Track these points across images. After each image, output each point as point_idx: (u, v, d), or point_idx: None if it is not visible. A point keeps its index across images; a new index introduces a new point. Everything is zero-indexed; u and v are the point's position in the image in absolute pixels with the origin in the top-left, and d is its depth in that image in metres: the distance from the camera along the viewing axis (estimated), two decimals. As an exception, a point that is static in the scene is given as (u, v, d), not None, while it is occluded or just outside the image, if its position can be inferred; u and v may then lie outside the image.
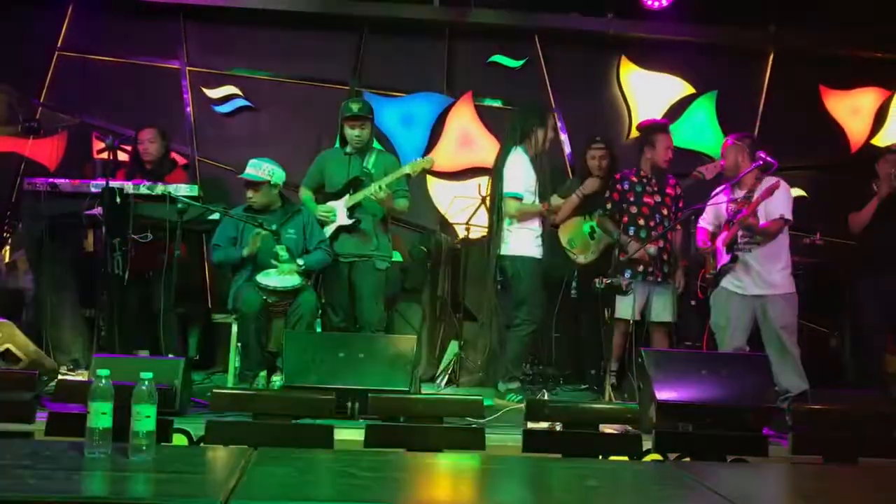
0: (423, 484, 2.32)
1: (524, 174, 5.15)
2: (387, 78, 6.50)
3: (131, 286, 5.01)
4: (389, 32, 6.48)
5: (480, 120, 6.49)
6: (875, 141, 6.69)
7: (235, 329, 4.91)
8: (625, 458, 2.96)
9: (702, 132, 6.56)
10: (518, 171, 5.14)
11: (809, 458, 3.00)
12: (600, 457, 2.94)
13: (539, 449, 2.93)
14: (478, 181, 6.15)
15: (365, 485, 2.15)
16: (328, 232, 5.12)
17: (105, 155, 5.09)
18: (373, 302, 5.12)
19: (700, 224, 5.08)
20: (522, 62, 6.56)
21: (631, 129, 6.58)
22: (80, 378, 4.66)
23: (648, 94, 6.61)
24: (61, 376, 4.70)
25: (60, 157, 6.09)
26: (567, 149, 6.54)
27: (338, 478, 2.26)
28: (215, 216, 5.15)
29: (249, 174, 4.95)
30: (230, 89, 6.41)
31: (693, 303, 5.16)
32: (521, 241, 5.13)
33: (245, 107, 6.41)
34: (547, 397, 4.87)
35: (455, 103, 6.49)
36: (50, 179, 5.07)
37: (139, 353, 5.00)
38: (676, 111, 6.59)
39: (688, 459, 3.03)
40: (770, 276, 4.85)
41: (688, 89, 6.63)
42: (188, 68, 6.39)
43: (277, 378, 4.82)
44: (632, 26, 6.51)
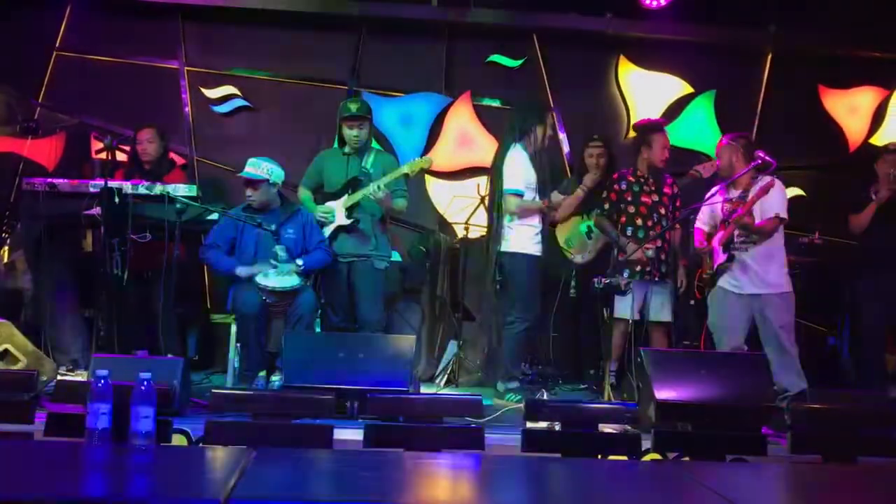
0: (423, 484, 2.32)
1: (523, 171, 5.15)
2: (385, 78, 6.49)
3: (130, 286, 5.00)
4: (388, 32, 6.47)
5: (479, 119, 6.48)
6: (873, 140, 6.69)
7: (234, 329, 4.91)
8: (624, 458, 2.96)
9: (700, 132, 6.56)
10: (517, 168, 5.14)
11: (808, 458, 3.00)
12: (599, 456, 2.94)
13: (538, 449, 2.93)
14: (476, 181, 6.16)
15: (364, 485, 2.15)
16: (327, 232, 5.13)
17: (104, 155, 5.09)
18: (372, 302, 5.13)
19: (696, 225, 5.10)
20: (521, 62, 6.56)
21: (629, 129, 6.57)
22: (80, 378, 4.66)
23: (647, 94, 6.61)
24: (60, 376, 4.70)
25: (59, 157, 6.09)
26: (566, 148, 6.54)
27: (337, 478, 2.26)
28: (214, 216, 5.15)
29: (248, 172, 4.95)
30: (229, 89, 6.40)
31: (692, 302, 5.16)
32: (521, 239, 5.13)
33: (243, 107, 6.41)
34: (546, 397, 4.87)
35: (454, 103, 6.49)
36: (48, 179, 5.07)
37: (138, 354, 4.98)
38: (675, 111, 6.58)
39: (687, 459, 3.03)
40: (767, 275, 4.85)
41: (686, 89, 6.63)
42: (187, 68, 6.38)
43: (277, 378, 4.82)
44: (630, 26, 6.51)
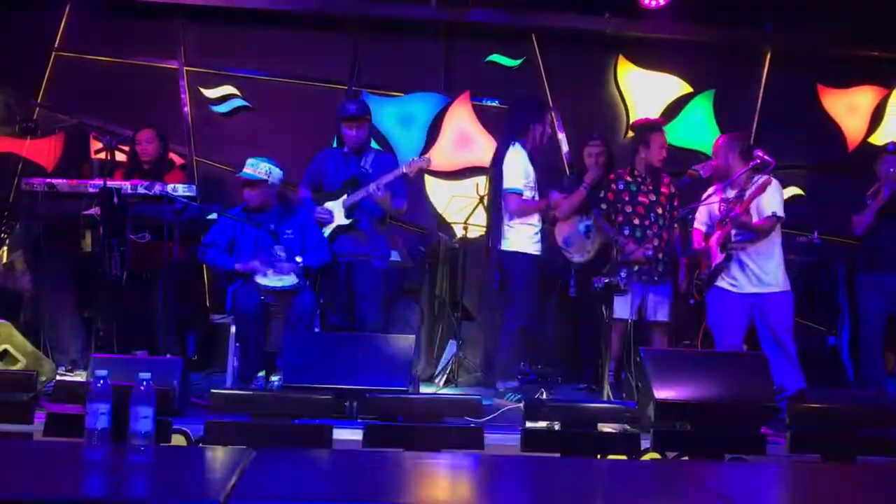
0: (422, 484, 2.32)
1: (522, 170, 5.15)
2: (384, 78, 6.49)
3: (129, 286, 5.00)
4: (387, 32, 6.47)
5: (478, 119, 6.49)
6: (872, 139, 6.70)
7: (234, 329, 4.91)
8: (623, 458, 2.96)
9: (699, 131, 6.56)
10: (516, 167, 5.14)
11: (807, 457, 3.00)
12: (599, 456, 2.94)
13: (538, 448, 2.93)
14: (475, 180, 6.15)
15: (364, 485, 2.15)
16: (326, 232, 5.12)
17: (103, 155, 5.10)
18: (371, 302, 5.12)
19: (695, 225, 5.11)
20: (520, 61, 6.56)
21: (628, 128, 6.57)
22: (79, 378, 4.65)
23: (646, 93, 6.61)
24: (59, 377, 4.70)
25: (58, 158, 6.08)
26: (565, 147, 6.54)
27: (337, 478, 2.26)
28: (213, 216, 5.15)
29: (247, 173, 4.95)
30: (228, 89, 6.40)
31: (692, 302, 5.16)
32: (520, 238, 5.13)
33: (243, 107, 6.40)
34: (545, 396, 4.87)
35: (452, 103, 6.49)
36: (47, 180, 5.07)
37: (137, 354, 4.98)
38: (674, 110, 6.59)
39: (686, 458, 3.03)
40: (764, 274, 4.85)
41: (685, 88, 6.63)
42: (186, 68, 6.38)
43: (276, 378, 4.82)
44: (629, 25, 6.51)
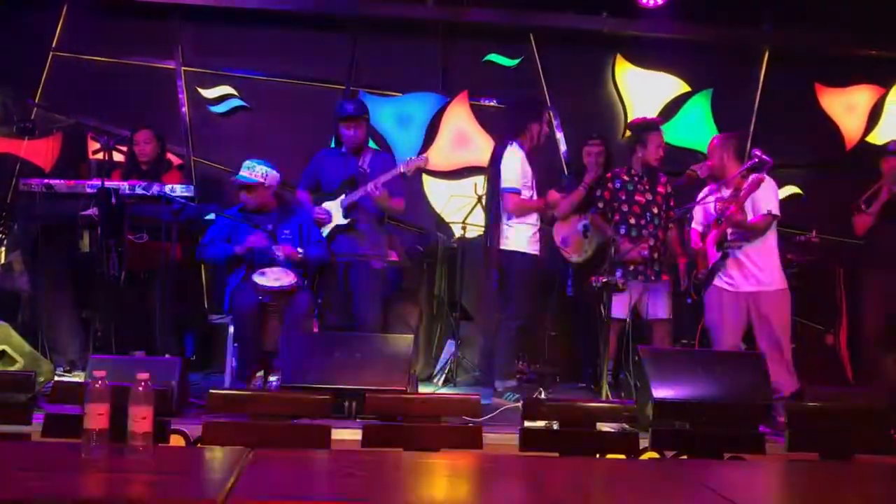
0: (421, 483, 2.32)
1: (520, 169, 5.14)
2: (382, 77, 6.49)
3: (127, 287, 5.00)
4: (384, 32, 6.47)
5: (476, 119, 6.49)
6: (870, 138, 6.71)
7: (232, 329, 4.90)
8: (622, 457, 2.96)
9: (697, 130, 6.57)
10: (514, 166, 5.14)
11: (806, 456, 3.00)
12: (597, 455, 2.94)
13: (536, 447, 2.93)
14: (474, 180, 6.16)
15: (362, 485, 2.15)
16: (325, 232, 5.12)
17: (100, 155, 5.09)
18: (369, 301, 5.12)
19: (692, 225, 5.12)
20: (518, 61, 6.56)
21: (626, 128, 6.58)
22: (77, 379, 4.65)
23: (643, 93, 6.62)
24: (58, 377, 4.69)
25: (56, 158, 6.08)
26: (563, 147, 6.55)
27: (335, 478, 2.26)
28: (211, 216, 5.15)
29: (243, 176, 4.95)
30: (225, 89, 6.40)
31: (689, 301, 5.17)
32: (519, 237, 5.13)
33: (240, 107, 6.41)
34: (544, 396, 4.87)
35: (450, 102, 6.49)
36: (45, 180, 5.07)
37: (135, 354, 4.99)
38: (671, 109, 6.60)
39: (685, 457, 3.04)
40: (761, 273, 4.86)
41: (683, 87, 6.64)
42: (183, 68, 6.38)
43: (274, 378, 4.81)
44: (627, 24, 6.52)
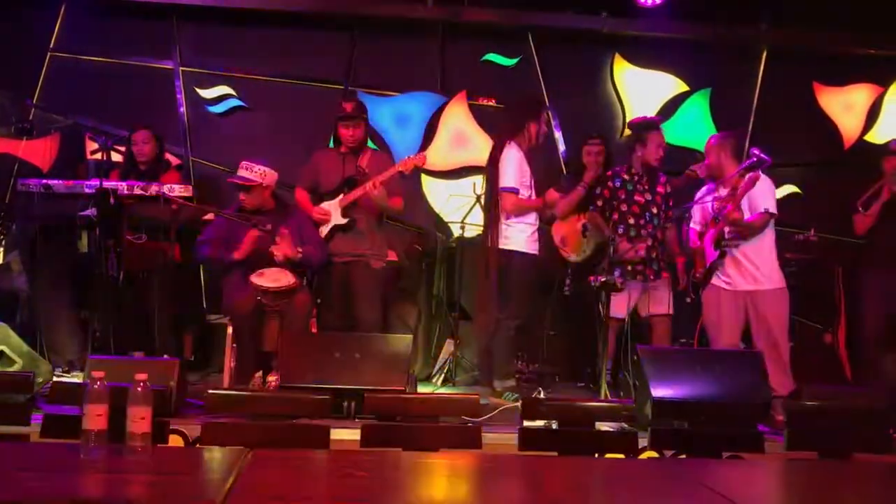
0: (420, 483, 2.32)
1: (518, 168, 5.14)
2: (380, 77, 6.49)
3: (126, 287, 5.00)
4: (382, 31, 6.47)
5: (474, 118, 6.49)
6: (868, 137, 6.71)
7: (230, 330, 4.90)
8: (621, 456, 2.96)
9: (695, 129, 6.57)
10: (512, 166, 5.14)
11: (804, 455, 3.00)
12: (596, 454, 2.94)
13: (535, 447, 2.93)
14: (472, 179, 6.16)
15: (361, 485, 2.15)
16: (324, 232, 5.12)
17: (98, 156, 5.09)
18: (368, 301, 5.12)
19: (691, 225, 5.12)
20: (516, 60, 6.56)
21: (625, 127, 6.59)
22: (76, 380, 4.65)
23: (642, 92, 6.62)
24: (56, 378, 4.69)
25: (54, 158, 6.08)
26: (561, 146, 6.55)
27: (334, 478, 2.26)
28: (209, 216, 5.15)
29: (241, 176, 4.95)
30: (224, 89, 6.39)
31: (688, 300, 5.17)
32: (517, 237, 5.13)
33: (239, 107, 6.40)
34: (543, 395, 4.87)
35: (449, 102, 6.49)
36: (43, 181, 5.06)
37: (134, 355, 4.98)
38: (670, 108, 6.60)
39: (684, 456, 3.04)
40: (758, 271, 4.86)
41: (681, 87, 6.64)
42: (181, 68, 6.37)
43: (273, 378, 4.81)
44: (625, 24, 6.52)
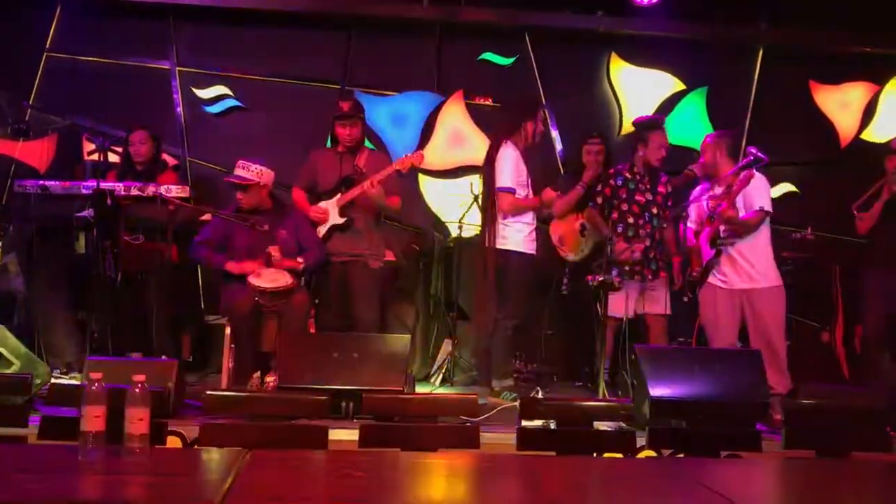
0: (418, 483, 2.32)
1: (515, 168, 5.14)
2: (377, 77, 6.49)
3: (123, 288, 5.00)
4: (379, 31, 6.46)
5: (471, 118, 6.49)
6: (865, 135, 6.72)
7: (228, 330, 4.90)
8: (619, 455, 2.97)
9: (692, 128, 6.57)
10: (509, 166, 5.14)
11: (802, 453, 3.01)
12: (595, 454, 2.94)
13: (533, 447, 2.93)
14: (470, 179, 6.15)
15: (360, 485, 2.15)
16: (321, 232, 5.12)
17: (95, 156, 5.09)
18: (366, 301, 5.12)
19: (688, 224, 5.12)
20: (513, 60, 6.57)
21: (622, 126, 6.59)
22: (73, 381, 4.65)
23: (639, 91, 6.62)
24: (54, 379, 4.69)
25: (50, 159, 6.07)
26: (558, 145, 6.55)
27: (332, 479, 2.26)
28: (207, 216, 5.14)
29: (238, 176, 4.94)
30: (220, 89, 6.39)
31: (685, 299, 5.18)
32: (515, 236, 5.13)
33: (236, 107, 6.40)
34: (541, 395, 4.87)
35: (446, 102, 6.49)
36: (40, 181, 5.06)
37: (132, 356, 4.98)
38: (667, 107, 6.60)
39: (682, 455, 3.04)
40: (754, 270, 4.86)
41: (678, 85, 6.64)
42: (178, 69, 6.37)
43: (271, 379, 4.81)
44: (622, 23, 6.52)
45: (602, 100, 6.66)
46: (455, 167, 6.47)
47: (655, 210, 5.26)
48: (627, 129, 6.49)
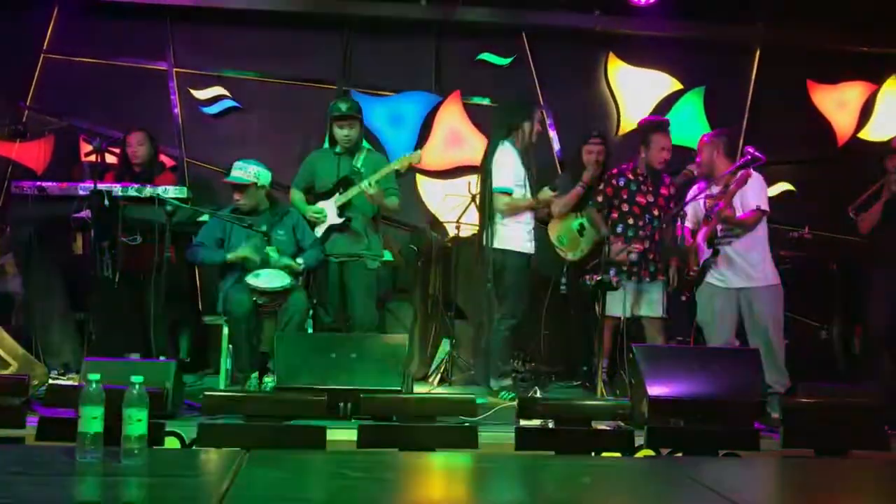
0: (417, 484, 2.32)
1: (513, 168, 5.15)
2: (375, 77, 6.48)
3: (121, 289, 4.99)
4: (377, 31, 6.46)
5: (469, 118, 6.49)
6: (862, 135, 6.73)
7: (226, 331, 4.90)
8: (617, 455, 2.97)
9: (690, 128, 6.56)
10: (506, 166, 5.14)
11: (801, 452, 3.01)
12: (593, 453, 2.94)
13: (532, 446, 2.93)
14: (467, 179, 6.15)
15: (358, 486, 2.15)
16: (319, 232, 5.12)
17: (93, 158, 5.08)
18: (364, 301, 5.12)
19: (685, 224, 5.11)
20: (510, 60, 6.56)
21: (619, 126, 6.59)
22: (71, 382, 4.64)
23: (636, 91, 6.62)
24: (52, 380, 4.68)
25: (48, 161, 6.06)
26: (556, 145, 6.55)
27: (331, 479, 2.26)
28: (204, 217, 5.14)
29: (235, 176, 4.94)
30: (218, 90, 6.38)
31: (683, 299, 5.18)
32: (513, 236, 5.13)
33: (233, 108, 6.39)
34: (539, 395, 4.88)
35: (443, 102, 6.49)
36: (38, 183, 5.06)
37: (130, 357, 4.98)
38: (664, 107, 6.60)
39: (680, 454, 3.04)
40: (751, 269, 4.86)
41: (675, 85, 6.64)
42: (175, 70, 6.36)
43: (269, 379, 4.81)
44: (619, 23, 6.52)
45: (600, 100, 6.65)
46: (453, 167, 6.46)
47: (656, 212, 5.25)
48: (625, 129, 6.50)
